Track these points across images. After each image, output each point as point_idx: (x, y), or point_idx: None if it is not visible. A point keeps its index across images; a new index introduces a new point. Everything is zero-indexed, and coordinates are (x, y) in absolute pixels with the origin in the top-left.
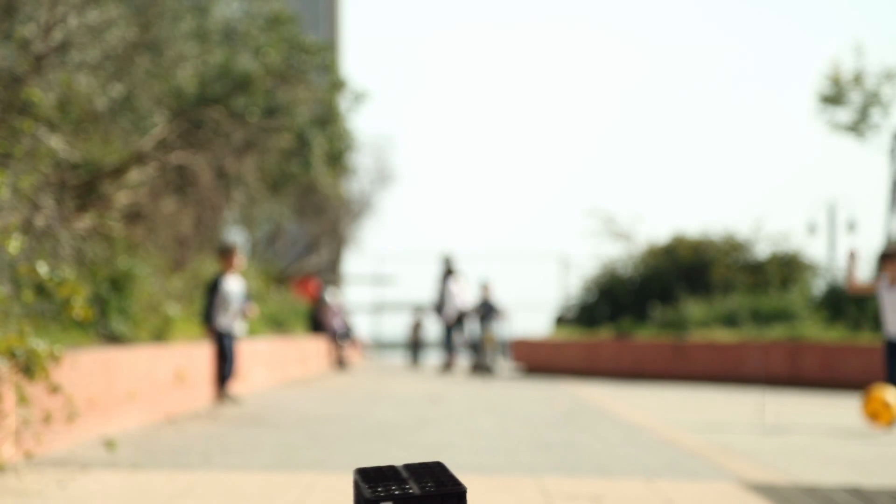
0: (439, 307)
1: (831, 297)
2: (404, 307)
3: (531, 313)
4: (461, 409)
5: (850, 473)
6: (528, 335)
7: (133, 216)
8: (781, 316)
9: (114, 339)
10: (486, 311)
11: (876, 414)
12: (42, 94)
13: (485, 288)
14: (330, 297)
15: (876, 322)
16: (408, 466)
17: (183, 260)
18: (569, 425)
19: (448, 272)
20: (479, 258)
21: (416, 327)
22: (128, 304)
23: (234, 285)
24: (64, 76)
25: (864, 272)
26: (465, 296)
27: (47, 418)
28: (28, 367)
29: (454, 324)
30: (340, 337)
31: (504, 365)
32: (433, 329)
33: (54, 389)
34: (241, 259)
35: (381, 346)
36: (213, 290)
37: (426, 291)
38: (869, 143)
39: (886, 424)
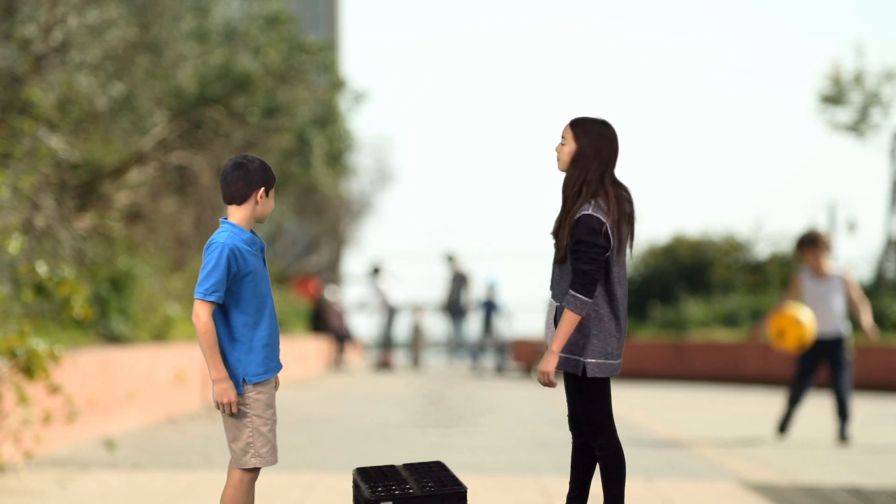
0: (371, 305)
1: None
2: (404, 307)
3: (531, 313)
4: (461, 409)
5: (850, 473)
6: (528, 335)
7: (133, 216)
8: None
9: (114, 338)
10: None
11: (782, 333)
12: (42, 94)
13: None
14: (330, 295)
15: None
16: (408, 466)
17: (183, 260)
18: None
19: (375, 271)
20: (480, 258)
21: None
22: (128, 304)
23: None
24: (64, 76)
25: (864, 274)
26: (393, 293)
27: (47, 418)
28: (28, 367)
29: (389, 321)
30: (342, 337)
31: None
32: (435, 328)
33: (54, 389)
34: None
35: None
36: None
37: (426, 291)
38: (869, 143)
39: (792, 344)
